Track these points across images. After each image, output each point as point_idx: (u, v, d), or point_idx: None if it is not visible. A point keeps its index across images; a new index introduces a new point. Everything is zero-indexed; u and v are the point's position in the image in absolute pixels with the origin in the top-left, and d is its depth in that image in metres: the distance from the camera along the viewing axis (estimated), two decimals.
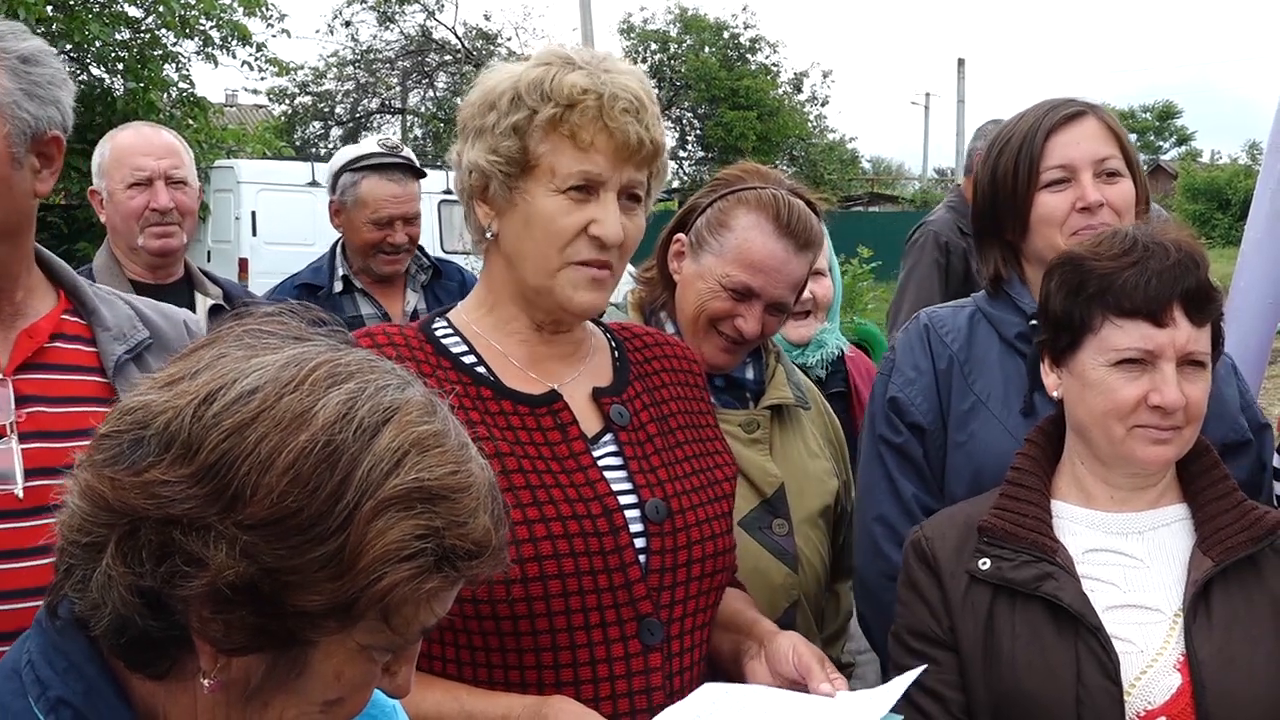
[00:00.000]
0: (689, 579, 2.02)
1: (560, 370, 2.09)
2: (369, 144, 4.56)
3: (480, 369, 2.04)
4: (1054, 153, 2.53)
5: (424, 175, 4.56)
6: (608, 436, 2.06)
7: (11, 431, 1.98)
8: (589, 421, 2.06)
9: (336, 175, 4.46)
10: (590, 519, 1.94)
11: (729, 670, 2.12)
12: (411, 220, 4.38)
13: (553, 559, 1.89)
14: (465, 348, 2.07)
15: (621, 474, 2.03)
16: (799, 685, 1.95)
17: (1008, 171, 2.57)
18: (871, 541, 2.60)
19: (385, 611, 1.22)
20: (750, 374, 2.89)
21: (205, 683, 1.23)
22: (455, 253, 11.96)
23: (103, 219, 3.95)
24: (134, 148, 3.90)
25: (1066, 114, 2.56)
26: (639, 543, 1.98)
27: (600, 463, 2.02)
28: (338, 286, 4.50)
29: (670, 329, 2.78)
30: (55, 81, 2.05)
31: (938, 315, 2.68)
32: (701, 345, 2.69)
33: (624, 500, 1.99)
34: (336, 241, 4.61)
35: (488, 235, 2.04)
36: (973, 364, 2.57)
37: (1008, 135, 2.60)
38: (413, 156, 4.59)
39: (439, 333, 2.09)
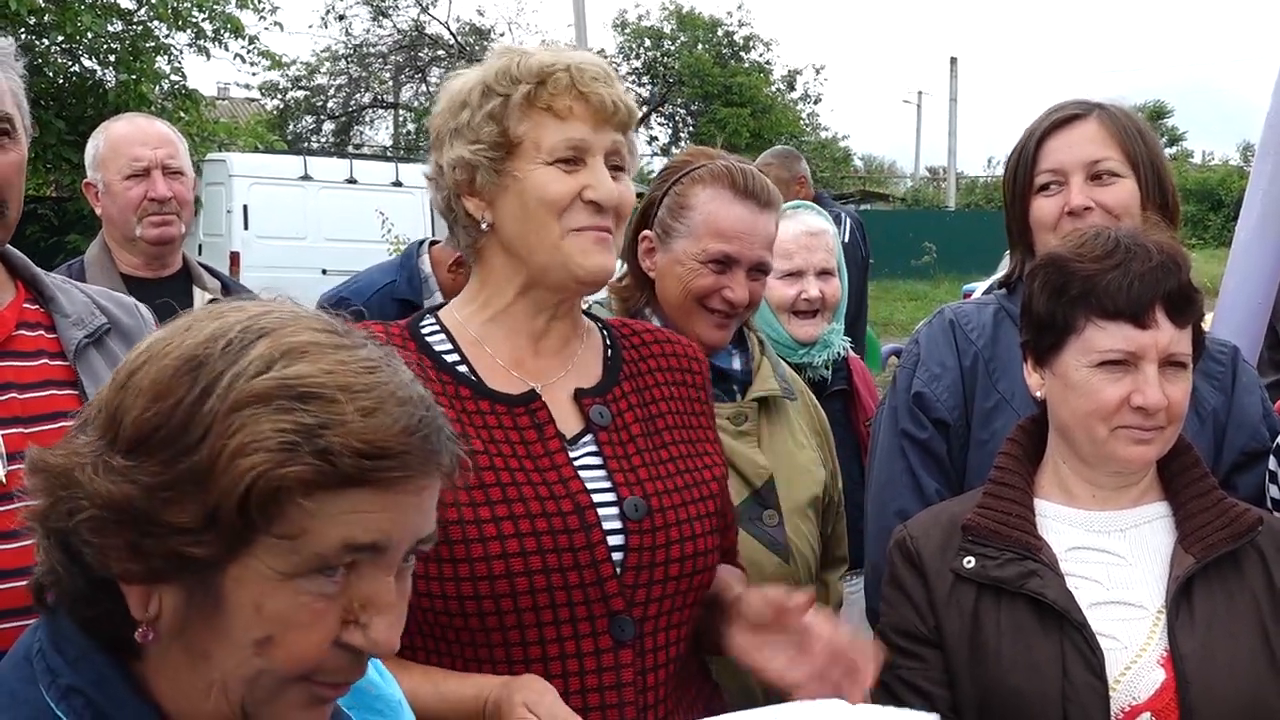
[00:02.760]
0: (666, 578, 2.02)
1: (546, 369, 2.09)
2: None
3: (462, 368, 2.05)
4: (1047, 157, 2.57)
5: None
6: (588, 437, 2.06)
7: None
8: (570, 421, 2.06)
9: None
10: (560, 516, 1.94)
11: (705, 646, 2.13)
12: None
13: (519, 556, 1.90)
14: (449, 346, 2.08)
15: (601, 473, 2.03)
16: (774, 632, 1.93)
17: (1009, 177, 2.64)
18: (890, 536, 2.57)
19: (267, 518, 1.16)
20: (737, 364, 2.91)
21: (140, 629, 1.22)
22: None
23: (98, 211, 3.93)
24: (129, 138, 3.88)
25: (1061, 118, 2.59)
26: (617, 540, 1.98)
27: (579, 462, 2.02)
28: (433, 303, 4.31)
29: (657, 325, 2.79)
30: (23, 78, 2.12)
31: (962, 311, 2.70)
32: (694, 327, 2.70)
33: (604, 499, 2.00)
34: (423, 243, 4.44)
35: (482, 227, 2.04)
36: (997, 362, 2.58)
37: (1019, 140, 2.65)
38: None
39: (425, 331, 2.10)
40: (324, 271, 16.19)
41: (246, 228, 17.81)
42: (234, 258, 16.89)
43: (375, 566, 1.23)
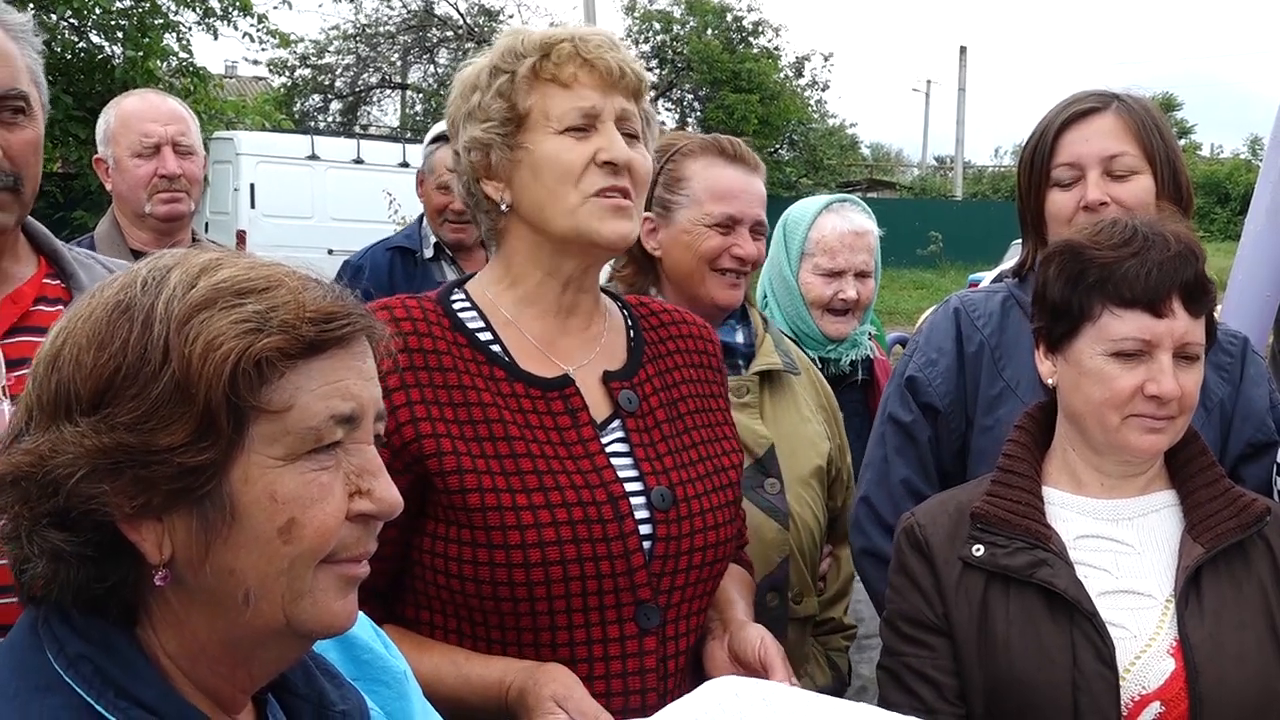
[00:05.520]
0: (690, 566, 2.03)
1: (575, 351, 2.09)
2: None
3: (495, 347, 2.05)
4: (1063, 150, 2.56)
5: None
6: (616, 422, 2.06)
7: (5, 395, 2.01)
8: (599, 406, 2.06)
9: (427, 151, 4.69)
10: (595, 506, 1.95)
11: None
12: None
13: (555, 545, 1.91)
14: (482, 323, 2.07)
15: (628, 460, 2.03)
16: (757, 674, 1.95)
17: (1025, 167, 2.63)
18: (855, 517, 2.69)
19: (256, 396, 1.21)
20: (740, 338, 2.97)
21: (158, 574, 1.23)
22: None
23: (108, 187, 3.93)
24: (141, 114, 3.87)
25: (1079, 110, 2.58)
26: (644, 529, 1.99)
27: (608, 449, 2.03)
28: (428, 253, 4.71)
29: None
30: (40, 54, 2.11)
31: (970, 299, 2.70)
32: (708, 289, 2.84)
33: (630, 487, 2.00)
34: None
35: (502, 209, 2.05)
36: (1003, 349, 2.58)
37: (1035, 129, 2.64)
38: None
39: (457, 306, 2.09)
40: (330, 251, 16.22)
41: (253, 206, 17.84)
42: (240, 236, 16.94)
43: (356, 440, 1.30)
